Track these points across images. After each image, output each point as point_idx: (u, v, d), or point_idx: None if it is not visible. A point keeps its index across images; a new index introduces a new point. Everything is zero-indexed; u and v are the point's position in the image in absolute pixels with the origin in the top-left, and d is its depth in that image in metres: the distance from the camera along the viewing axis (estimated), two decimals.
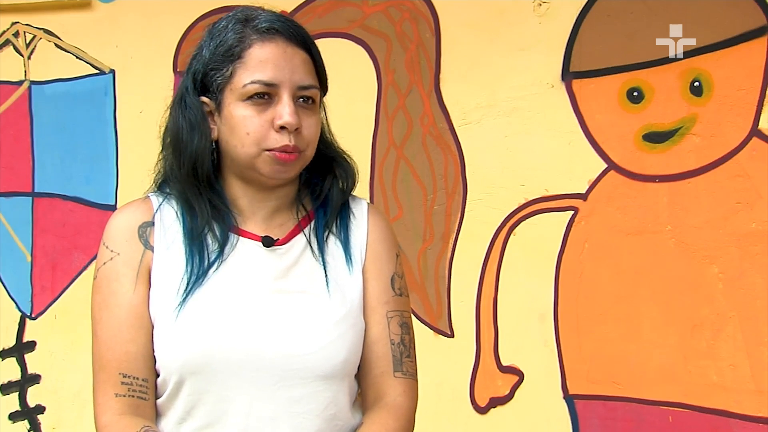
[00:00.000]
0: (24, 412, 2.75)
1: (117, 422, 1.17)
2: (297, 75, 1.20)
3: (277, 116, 1.18)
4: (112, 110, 2.72)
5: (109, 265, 1.22)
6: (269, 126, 1.19)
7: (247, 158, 1.21)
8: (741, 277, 2.18)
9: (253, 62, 1.19)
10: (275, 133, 1.19)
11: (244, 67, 1.19)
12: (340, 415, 1.23)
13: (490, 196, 2.41)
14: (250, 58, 1.19)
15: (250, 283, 1.22)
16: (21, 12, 2.78)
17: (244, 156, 1.21)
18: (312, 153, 1.25)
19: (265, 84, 1.18)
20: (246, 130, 1.19)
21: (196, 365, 1.16)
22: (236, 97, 1.20)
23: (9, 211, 2.78)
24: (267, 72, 1.18)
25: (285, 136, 1.19)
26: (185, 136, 1.23)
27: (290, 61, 1.20)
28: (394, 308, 1.29)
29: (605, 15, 2.31)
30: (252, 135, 1.19)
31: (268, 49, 1.19)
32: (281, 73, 1.19)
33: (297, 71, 1.20)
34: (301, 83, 1.20)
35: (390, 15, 2.51)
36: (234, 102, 1.20)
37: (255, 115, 1.19)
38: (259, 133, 1.19)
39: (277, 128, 1.18)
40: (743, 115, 2.20)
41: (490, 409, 2.38)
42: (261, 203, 1.27)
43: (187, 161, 1.23)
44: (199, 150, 1.22)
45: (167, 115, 1.28)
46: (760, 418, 2.15)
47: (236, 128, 1.20)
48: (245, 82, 1.19)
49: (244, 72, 1.19)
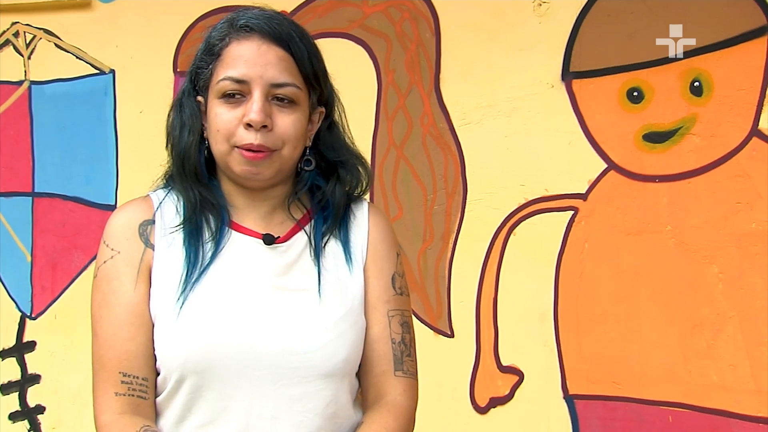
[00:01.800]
0: (24, 412, 2.75)
1: (117, 421, 1.16)
2: (270, 72, 1.19)
3: (246, 113, 1.18)
4: (112, 110, 2.72)
5: (109, 263, 1.22)
6: (239, 123, 1.19)
7: (221, 156, 1.21)
8: (741, 277, 2.18)
9: (228, 59, 1.20)
10: (243, 130, 1.18)
11: (221, 64, 1.20)
12: (340, 414, 1.23)
13: (490, 196, 2.41)
14: (227, 56, 1.20)
15: (251, 281, 1.22)
16: (21, 12, 2.78)
17: (218, 153, 1.22)
18: (291, 152, 1.22)
19: (235, 81, 1.18)
20: (217, 126, 1.20)
21: (196, 363, 1.16)
22: (214, 95, 1.21)
23: (9, 211, 2.78)
24: (238, 68, 1.18)
25: (251, 133, 1.18)
26: (176, 134, 1.26)
27: (263, 57, 1.19)
28: (395, 307, 1.29)
29: (605, 15, 2.31)
30: (222, 131, 1.19)
31: (242, 46, 1.19)
32: (252, 70, 1.18)
33: (270, 68, 1.19)
34: (274, 80, 1.19)
35: (390, 15, 2.51)
36: (212, 100, 1.21)
37: (227, 112, 1.19)
38: (228, 130, 1.19)
39: (245, 125, 1.18)
40: (743, 115, 2.20)
41: (490, 409, 2.38)
42: (256, 202, 1.27)
43: (176, 157, 1.26)
44: (185, 146, 1.24)
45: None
46: (760, 418, 2.15)
47: (211, 125, 1.21)
48: (219, 79, 1.20)
49: (221, 68, 1.20)
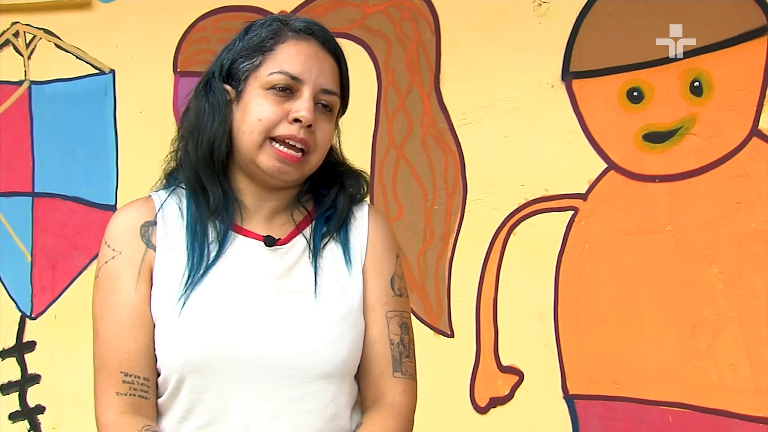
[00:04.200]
0: (24, 412, 2.75)
1: (118, 421, 1.17)
2: (323, 78, 1.23)
3: (294, 110, 1.20)
4: (112, 110, 2.72)
5: (110, 263, 1.23)
6: (284, 117, 1.20)
7: (252, 147, 1.21)
8: (741, 277, 2.18)
9: (284, 55, 1.22)
10: (287, 124, 1.20)
11: (273, 58, 1.22)
12: (340, 415, 1.23)
13: (490, 196, 2.41)
14: (282, 52, 1.22)
15: (251, 282, 1.22)
16: (21, 12, 2.78)
17: (249, 144, 1.21)
18: (318, 161, 1.26)
19: (290, 76, 1.21)
20: (259, 116, 1.20)
21: (197, 364, 1.16)
22: (259, 85, 1.22)
23: (9, 211, 2.78)
24: (295, 66, 1.21)
25: (296, 127, 1.20)
26: (206, 119, 1.24)
27: (319, 62, 1.23)
28: (394, 308, 1.29)
29: (605, 15, 2.31)
30: (263, 122, 1.20)
31: (300, 46, 1.23)
32: (308, 72, 1.21)
33: (323, 74, 1.23)
34: (325, 86, 1.23)
35: (390, 15, 2.51)
36: (255, 89, 1.22)
37: (272, 105, 1.20)
38: (271, 121, 1.20)
39: (291, 120, 1.20)
40: (743, 115, 2.20)
41: (490, 409, 2.38)
42: (263, 202, 1.28)
43: (205, 143, 1.24)
44: (218, 133, 1.23)
45: (189, 100, 1.29)
46: (760, 418, 2.15)
47: (250, 114, 1.21)
48: (271, 71, 1.21)
49: (273, 63, 1.22)
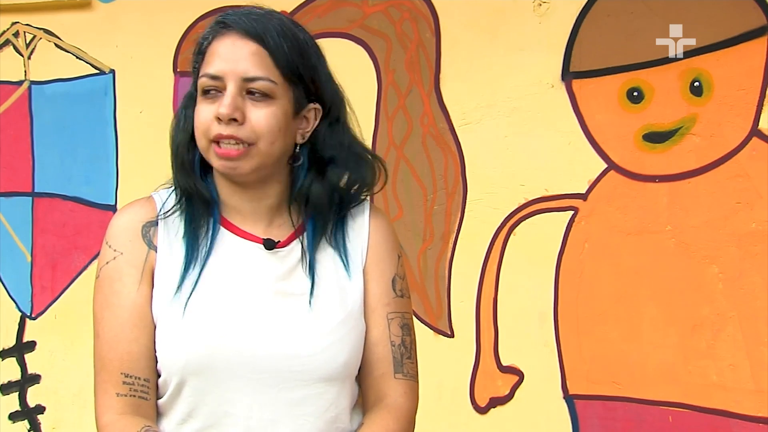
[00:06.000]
0: (24, 412, 2.75)
1: (118, 422, 1.16)
2: (242, 66, 1.18)
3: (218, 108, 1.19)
4: (112, 110, 2.72)
5: (112, 264, 1.22)
6: (214, 118, 1.19)
7: (203, 152, 1.22)
8: (741, 277, 2.18)
9: (209, 56, 1.21)
10: (216, 124, 1.18)
11: (204, 62, 1.22)
12: (341, 417, 1.23)
13: (490, 196, 2.40)
14: (209, 53, 1.21)
15: (251, 285, 1.22)
16: (21, 12, 2.77)
17: (201, 150, 1.22)
18: (267, 146, 1.20)
19: (210, 77, 1.19)
20: (197, 122, 1.21)
21: (197, 366, 1.16)
22: (199, 93, 1.22)
23: (9, 211, 2.78)
24: (214, 65, 1.19)
25: (222, 126, 1.18)
26: (174, 132, 1.27)
27: (237, 53, 1.19)
28: (395, 310, 1.28)
29: (605, 15, 2.31)
30: (200, 127, 1.20)
31: (220, 42, 1.20)
32: (226, 65, 1.18)
33: (242, 63, 1.18)
34: (246, 75, 1.18)
35: (390, 15, 2.51)
36: (198, 98, 1.22)
37: (204, 108, 1.20)
38: (205, 125, 1.19)
39: (216, 119, 1.18)
40: (743, 115, 2.20)
41: (490, 409, 2.38)
42: (250, 202, 1.26)
43: (175, 148, 1.26)
44: (178, 143, 1.25)
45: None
46: (760, 418, 2.15)
47: (195, 121, 1.22)
48: (201, 75, 1.21)
49: (204, 66, 1.21)
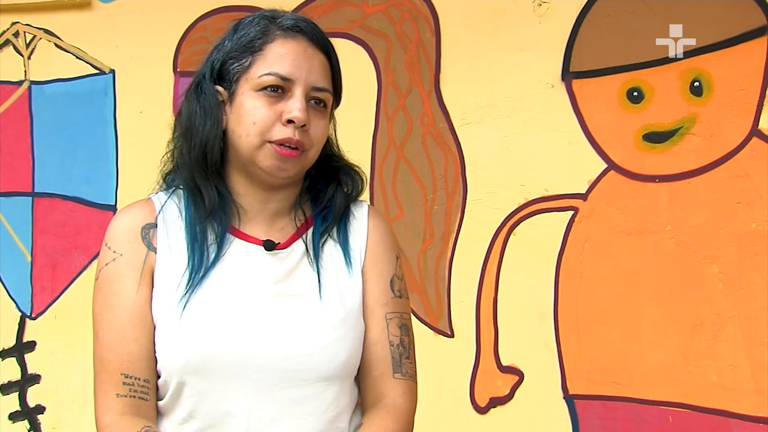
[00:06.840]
0: (24, 412, 2.75)
1: (118, 422, 1.17)
2: (313, 75, 1.22)
3: (287, 110, 1.20)
4: (112, 110, 2.72)
5: (111, 266, 1.23)
6: (277, 118, 1.20)
7: (250, 149, 1.21)
8: (741, 277, 2.18)
9: (273, 56, 1.21)
10: (281, 125, 1.20)
11: (263, 59, 1.21)
12: (340, 417, 1.23)
13: (490, 196, 2.41)
14: (271, 52, 1.21)
15: (251, 286, 1.22)
16: (21, 12, 2.78)
17: (247, 146, 1.21)
18: (315, 155, 1.25)
19: (280, 77, 1.20)
20: (253, 119, 1.20)
21: (196, 367, 1.16)
22: (250, 87, 1.21)
23: (9, 211, 2.78)
24: (285, 66, 1.20)
25: (290, 129, 1.19)
26: (198, 121, 1.24)
27: (309, 60, 1.22)
28: (394, 310, 1.29)
29: (605, 15, 2.31)
30: (258, 125, 1.20)
31: (289, 45, 1.22)
32: (298, 70, 1.21)
33: (314, 71, 1.22)
34: (316, 84, 1.22)
35: (390, 15, 2.51)
36: (247, 91, 1.21)
37: (265, 106, 1.20)
38: (266, 124, 1.19)
39: (284, 121, 1.19)
40: (743, 115, 2.20)
41: (490, 409, 2.38)
42: (263, 204, 1.27)
43: (197, 146, 1.24)
44: (210, 135, 1.23)
45: (182, 102, 1.29)
46: (760, 418, 2.15)
47: (244, 117, 1.21)
48: (261, 73, 1.20)
49: (263, 64, 1.21)
